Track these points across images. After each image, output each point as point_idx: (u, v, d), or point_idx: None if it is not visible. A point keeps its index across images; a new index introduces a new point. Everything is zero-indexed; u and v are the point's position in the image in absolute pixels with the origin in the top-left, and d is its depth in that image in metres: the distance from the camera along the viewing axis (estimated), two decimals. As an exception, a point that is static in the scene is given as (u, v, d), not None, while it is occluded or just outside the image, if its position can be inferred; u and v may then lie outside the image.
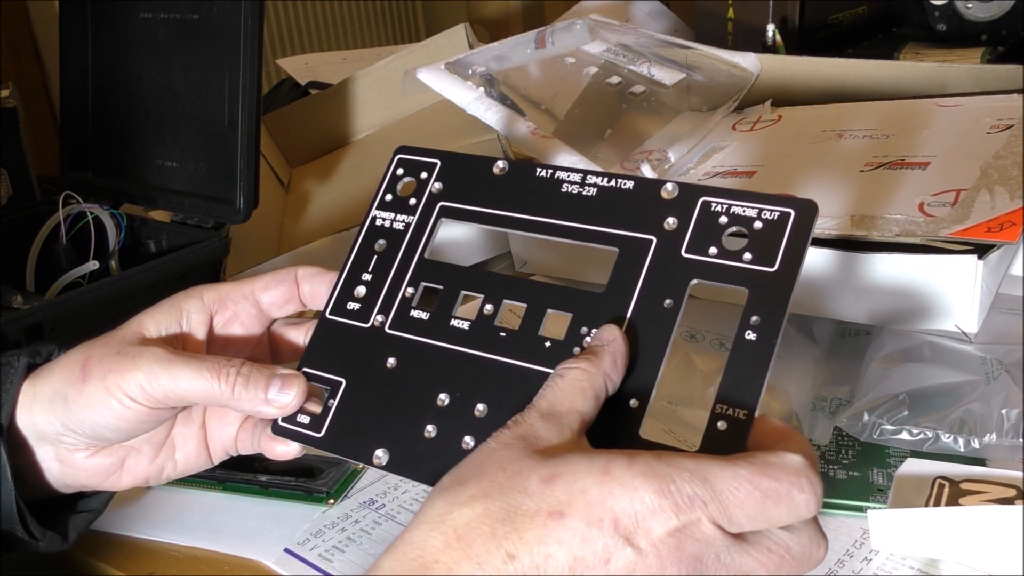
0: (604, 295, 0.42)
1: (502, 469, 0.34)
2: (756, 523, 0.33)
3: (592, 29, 0.86)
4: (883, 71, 0.78)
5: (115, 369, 0.43)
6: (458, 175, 0.48)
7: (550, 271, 0.72)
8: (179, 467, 0.48)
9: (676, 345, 0.63)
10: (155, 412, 0.44)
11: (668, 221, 0.42)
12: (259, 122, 0.71)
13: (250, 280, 0.48)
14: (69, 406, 0.44)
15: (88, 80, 0.82)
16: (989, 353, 0.57)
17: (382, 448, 0.42)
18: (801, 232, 0.39)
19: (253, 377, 0.44)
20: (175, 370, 0.43)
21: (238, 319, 0.48)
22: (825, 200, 0.61)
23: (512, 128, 0.73)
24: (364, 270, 0.47)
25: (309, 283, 0.48)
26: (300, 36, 2.27)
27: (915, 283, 0.55)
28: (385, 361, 0.45)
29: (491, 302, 0.44)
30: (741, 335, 0.38)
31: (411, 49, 1.05)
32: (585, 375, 0.38)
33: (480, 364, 0.43)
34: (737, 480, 0.33)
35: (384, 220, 0.48)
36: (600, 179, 0.44)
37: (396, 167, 0.49)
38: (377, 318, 0.46)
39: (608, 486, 0.32)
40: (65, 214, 0.76)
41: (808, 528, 0.34)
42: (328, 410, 0.45)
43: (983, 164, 0.60)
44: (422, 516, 0.34)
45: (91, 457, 0.46)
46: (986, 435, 0.52)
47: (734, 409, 0.38)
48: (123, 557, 0.53)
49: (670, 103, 0.78)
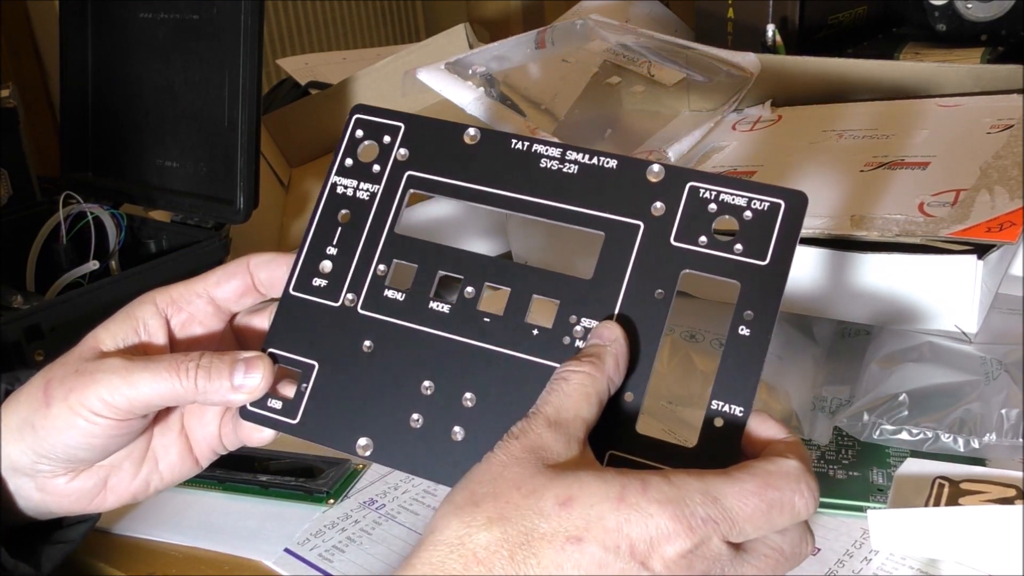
0: (592, 282, 0.41)
1: (516, 488, 0.34)
2: (761, 531, 0.35)
3: (592, 29, 0.86)
4: (883, 71, 0.78)
5: (75, 388, 0.42)
6: (425, 141, 0.45)
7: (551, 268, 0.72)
8: (165, 478, 0.47)
9: (676, 345, 0.63)
10: (124, 424, 0.43)
11: (655, 206, 0.41)
12: (259, 122, 0.71)
13: (202, 278, 0.46)
14: (37, 432, 0.43)
15: (88, 80, 0.82)
16: (989, 353, 0.57)
17: (365, 437, 0.41)
18: (792, 224, 0.39)
19: (215, 367, 0.42)
20: (134, 377, 0.42)
21: (196, 319, 0.46)
22: (825, 200, 0.61)
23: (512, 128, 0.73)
24: (328, 243, 0.44)
25: (264, 270, 0.46)
26: (300, 36, 2.27)
27: (915, 283, 0.55)
28: (361, 344, 0.43)
29: (472, 284, 0.42)
30: (735, 331, 0.38)
31: (411, 49, 1.05)
32: (590, 380, 0.37)
33: (465, 351, 0.41)
34: (745, 496, 0.34)
35: (346, 188, 0.45)
36: (581, 155, 0.42)
37: (354, 128, 0.46)
38: (348, 296, 0.44)
39: (624, 512, 0.33)
40: (65, 214, 0.76)
41: (798, 528, 0.36)
42: (302, 395, 0.43)
43: (983, 164, 0.60)
44: (439, 536, 0.34)
45: (71, 482, 0.45)
46: (986, 435, 0.52)
47: (730, 406, 0.38)
48: (123, 557, 0.53)
49: (670, 103, 0.78)
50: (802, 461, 0.35)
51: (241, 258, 0.46)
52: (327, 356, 0.43)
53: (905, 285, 0.55)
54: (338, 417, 0.42)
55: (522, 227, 0.73)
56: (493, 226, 0.77)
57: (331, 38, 2.35)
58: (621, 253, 0.40)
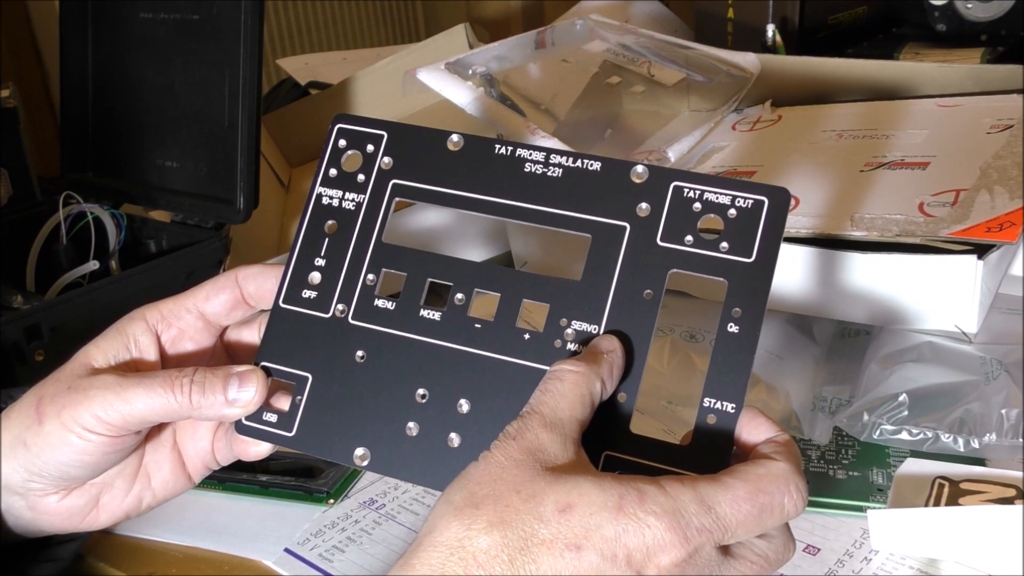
0: (581, 284, 0.41)
1: (516, 492, 0.34)
2: (751, 534, 0.36)
3: (592, 29, 0.86)
4: (883, 71, 0.78)
5: (68, 405, 0.42)
6: (409, 149, 0.45)
7: (552, 272, 0.72)
8: (158, 494, 0.47)
9: (676, 345, 0.63)
10: (118, 441, 0.42)
11: (641, 206, 0.41)
12: (259, 122, 0.71)
13: (191, 292, 0.46)
14: (30, 450, 0.42)
15: (88, 80, 0.82)
16: (989, 353, 0.57)
17: (362, 447, 0.41)
18: (776, 221, 0.39)
19: (209, 382, 0.42)
20: (127, 393, 0.41)
21: (186, 335, 0.46)
22: (825, 200, 0.61)
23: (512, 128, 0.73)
24: (316, 254, 0.44)
25: (253, 282, 0.45)
26: (300, 36, 2.27)
27: (915, 283, 0.55)
28: (354, 354, 0.43)
29: (461, 291, 0.42)
30: (724, 328, 0.39)
31: (411, 49, 1.05)
32: (584, 380, 0.38)
33: (457, 358, 0.41)
34: (737, 502, 0.35)
35: (332, 198, 0.45)
36: (565, 159, 0.43)
37: (337, 138, 0.46)
38: (338, 307, 0.44)
39: (622, 523, 0.34)
40: (65, 214, 0.76)
41: (782, 535, 0.37)
42: (297, 407, 0.43)
43: (983, 164, 0.60)
44: (438, 537, 0.34)
45: (63, 500, 0.44)
46: (986, 435, 0.52)
47: (722, 403, 0.38)
48: (123, 557, 0.53)
49: (670, 103, 0.78)
50: (791, 461, 0.36)
51: (229, 271, 0.46)
52: (320, 367, 0.43)
53: (905, 285, 0.55)
54: (334, 428, 0.42)
55: (522, 230, 0.73)
56: (492, 231, 0.77)
57: (331, 38, 2.34)
58: (609, 255, 0.41)
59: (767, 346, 0.63)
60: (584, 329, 0.40)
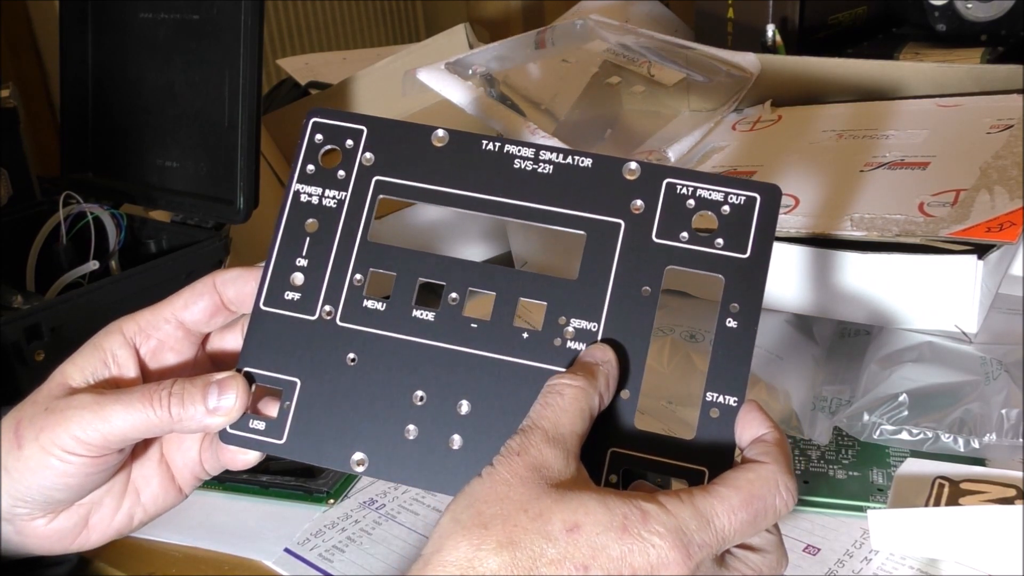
0: (578, 283, 0.41)
1: (524, 510, 0.35)
2: (747, 538, 0.37)
3: (592, 29, 0.86)
4: (883, 71, 0.78)
5: (46, 427, 0.41)
6: (391, 145, 0.43)
7: (552, 272, 0.72)
8: (149, 510, 0.46)
9: (676, 345, 0.63)
10: (100, 460, 0.41)
11: (635, 203, 0.41)
12: (259, 122, 0.71)
13: (168, 301, 0.45)
14: (11, 475, 0.41)
15: (88, 80, 0.82)
16: (989, 353, 0.57)
17: (359, 452, 0.41)
18: (768, 216, 0.40)
19: (188, 392, 0.41)
20: (106, 411, 0.40)
21: (166, 345, 0.45)
22: (825, 200, 0.61)
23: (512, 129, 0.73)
24: (297, 254, 0.43)
25: (232, 287, 0.44)
26: (300, 36, 2.27)
27: (915, 283, 0.55)
28: (344, 357, 0.42)
29: (455, 290, 0.42)
30: (722, 324, 0.39)
31: (411, 49, 1.04)
32: (584, 395, 0.38)
33: (455, 358, 0.41)
34: (733, 512, 0.36)
35: (311, 196, 0.44)
36: (556, 155, 0.42)
37: (312, 132, 0.44)
38: (325, 309, 0.42)
39: (628, 543, 0.34)
40: (65, 214, 0.76)
41: (776, 551, 0.38)
42: (286, 413, 0.42)
43: (983, 164, 0.60)
44: (448, 556, 0.34)
45: (51, 523, 0.43)
46: (986, 435, 0.52)
47: (724, 397, 0.39)
48: (123, 557, 0.53)
49: (670, 103, 0.78)
50: (779, 462, 0.37)
51: (207, 277, 0.45)
52: (309, 372, 0.42)
53: (905, 285, 0.55)
54: (328, 434, 0.41)
55: (521, 230, 0.73)
56: (491, 231, 0.77)
57: (331, 38, 2.34)
58: (605, 252, 0.41)
59: (767, 346, 0.63)
60: (584, 327, 0.40)
